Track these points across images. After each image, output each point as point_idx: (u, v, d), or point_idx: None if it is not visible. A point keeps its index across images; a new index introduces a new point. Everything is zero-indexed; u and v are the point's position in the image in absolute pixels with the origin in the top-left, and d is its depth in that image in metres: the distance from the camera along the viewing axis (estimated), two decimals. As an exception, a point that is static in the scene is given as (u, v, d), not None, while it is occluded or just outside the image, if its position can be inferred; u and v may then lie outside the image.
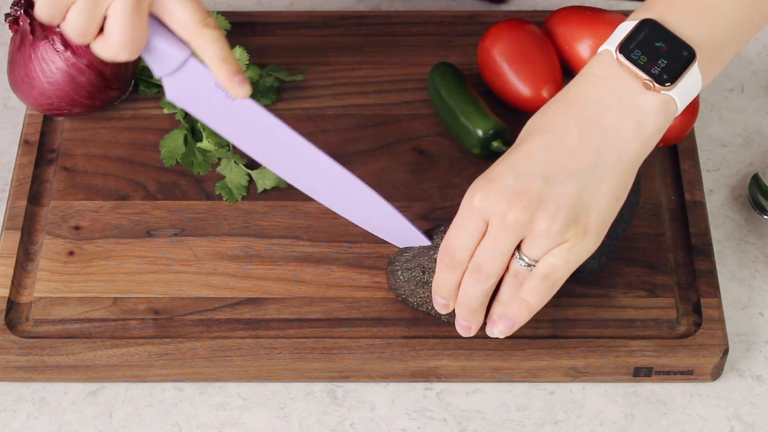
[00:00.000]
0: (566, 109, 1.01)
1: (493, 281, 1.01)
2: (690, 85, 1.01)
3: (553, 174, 0.99)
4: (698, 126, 1.26)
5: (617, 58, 1.00)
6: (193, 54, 1.06)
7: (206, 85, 1.06)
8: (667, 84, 1.00)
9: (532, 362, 1.09)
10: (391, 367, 1.09)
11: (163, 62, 1.06)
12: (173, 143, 1.22)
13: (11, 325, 1.11)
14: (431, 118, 1.24)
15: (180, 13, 1.03)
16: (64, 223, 1.18)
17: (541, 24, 1.29)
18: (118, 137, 1.24)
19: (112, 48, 1.02)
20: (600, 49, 1.02)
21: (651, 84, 1.00)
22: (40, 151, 1.23)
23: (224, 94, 1.07)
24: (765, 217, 1.20)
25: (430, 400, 1.10)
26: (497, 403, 1.10)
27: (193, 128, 1.23)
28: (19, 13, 1.18)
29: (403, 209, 1.12)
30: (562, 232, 0.99)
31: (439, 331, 1.10)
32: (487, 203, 0.99)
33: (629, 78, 1.00)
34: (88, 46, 1.02)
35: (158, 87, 1.26)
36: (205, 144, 1.22)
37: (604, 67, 1.01)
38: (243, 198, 1.19)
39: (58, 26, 1.03)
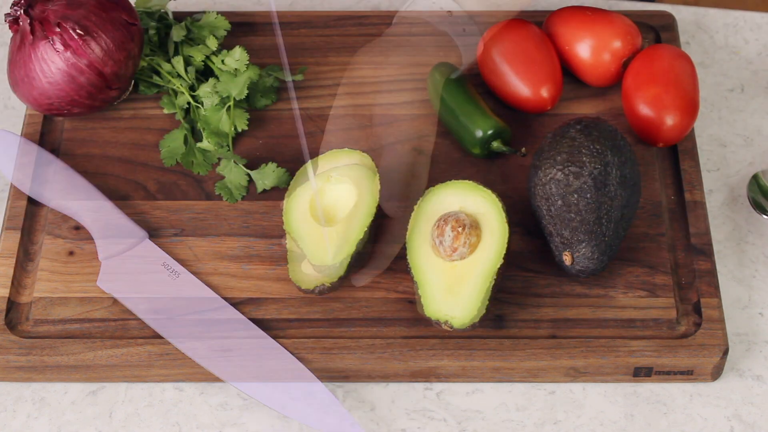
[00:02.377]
0: None
1: None
2: None
3: None
4: (698, 126, 1.26)
5: None
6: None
7: (154, 264, 1.13)
8: None
9: (532, 362, 1.09)
10: (391, 367, 1.09)
11: (118, 242, 1.14)
12: (173, 143, 1.22)
13: (11, 325, 1.11)
14: (431, 118, 1.24)
15: None
16: (64, 223, 1.18)
17: (541, 24, 1.29)
18: (118, 137, 1.24)
19: None
20: None
21: None
22: (40, 151, 1.23)
23: (168, 273, 1.13)
24: (765, 217, 1.20)
25: (430, 400, 1.10)
26: (497, 403, 1.10)
27: (193, 128, 1.23)
28: (19, 13, 1.18)
29: (402, 209, 1.13)
30: None
31: (439, 331, 1.10)
32: None
33: None
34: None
35: (158, 87, 1.26)
36: (205, 144, 1.22)
37: None
38: (243, 198, 1.19)
39: None
